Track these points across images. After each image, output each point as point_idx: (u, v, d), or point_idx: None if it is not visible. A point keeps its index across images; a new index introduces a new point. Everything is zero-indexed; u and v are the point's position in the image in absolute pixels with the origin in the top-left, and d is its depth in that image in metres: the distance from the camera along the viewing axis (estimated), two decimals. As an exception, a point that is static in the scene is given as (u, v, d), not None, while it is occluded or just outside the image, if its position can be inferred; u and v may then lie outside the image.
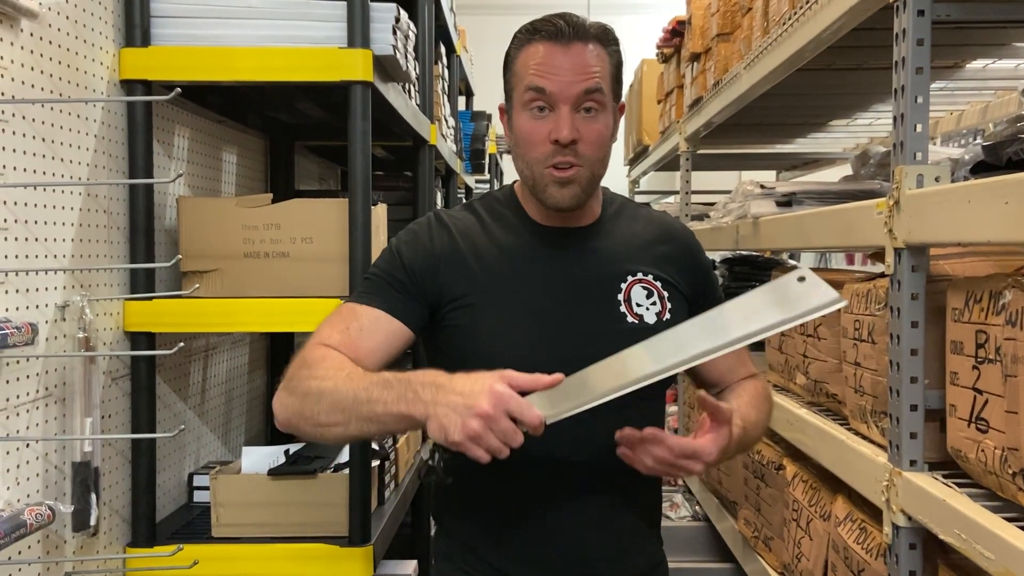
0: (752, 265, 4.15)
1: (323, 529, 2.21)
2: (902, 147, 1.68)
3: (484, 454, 1.29)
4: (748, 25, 2.98)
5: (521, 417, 1.29)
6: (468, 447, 1.29)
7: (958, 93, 3.18)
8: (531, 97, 1.56)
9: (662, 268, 1.68)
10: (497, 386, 1.30)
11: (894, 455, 1.71)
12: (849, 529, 2.02)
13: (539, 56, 1.56)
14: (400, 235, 1.69)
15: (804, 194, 2.67)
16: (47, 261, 1.88)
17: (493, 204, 1.72)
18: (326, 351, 1.52)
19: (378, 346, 1.57)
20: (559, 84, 1.54)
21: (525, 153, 1.59)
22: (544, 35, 1.57)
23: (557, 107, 1.55)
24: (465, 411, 1.29)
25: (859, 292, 1.95)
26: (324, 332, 1.57)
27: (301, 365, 1.51)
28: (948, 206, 1.49)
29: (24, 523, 1.58)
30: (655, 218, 1.77)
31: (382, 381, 1.39)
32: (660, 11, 7.06)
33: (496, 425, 1.28)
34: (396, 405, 1.36)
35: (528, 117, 1.57)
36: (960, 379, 1.55)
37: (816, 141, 4.55)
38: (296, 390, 1.48)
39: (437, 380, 1.35)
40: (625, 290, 1.63)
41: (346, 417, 1.42)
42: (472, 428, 1.28)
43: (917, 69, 1.66)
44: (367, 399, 1.39)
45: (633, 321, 1.61)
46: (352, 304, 1.61)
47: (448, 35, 4.29)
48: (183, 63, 2.15)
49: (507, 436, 1.28)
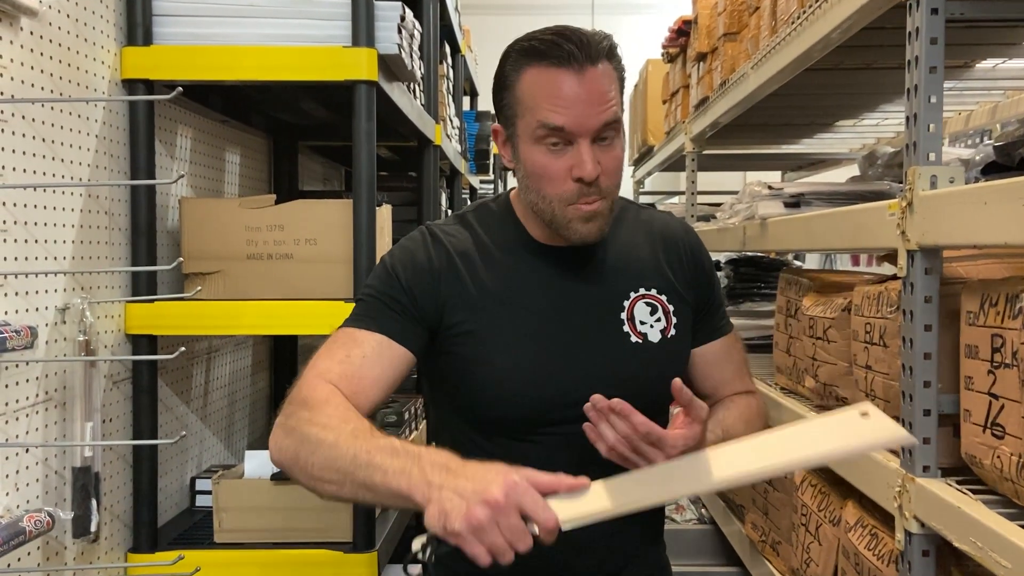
0: (757, 266, 4.13)
1: (327, 535, 2.19)
2: (915, 148, 1.65)
3: (484, 553, 1.12)
4: (755, 24, 2.95)
5: (535, 515, 1.13)
6: (468, 541, 1.12)
7: (967, 93, 3.15)
8: (546, 133, 1.45)
9: (665, 277, 1.63)
10: (514, 476, 1.15)
11: (907, 460, 1.68)
12: (860, 535, 1.99)
13: (551, 86, 1.44)
14: (394, 252, 1.59)
15: (812, 195, 2.64)
16: (47, 263, 1.86)
17: (488, 219, 1.62)
18: (329, 393, 1.39)
19: (381, 374, 1.47)
20: (577, 119, 1.43)
21: (541, 188, 1.49)
22: (553, 61, 1.44)
23: (576, 141, 1.45)
24: (472, 496, 1.13)
25: (870, 294, 1.92)
26: (323, 364, 1.45)
27: (302, 404, 1.38)
28: (963, 208, 1.47)
29: (23, 530, 1.56)
30: (655, 222, 1.71)
31: (389, 447, 1.24)
32: (664, 11, 7.04)
33: (505, 519, 1.12)
34: (396, 479, 1.19)
35: (542, 152, 1.47)
36: (975, 384, 1.52)
37: (822, 141, 4.52)
38: (294, 432, 1.35)
39: (449, 463, 1.19)
40: (628, 308, 1.59)
41: (341, 477, 1.26)
42: (477, 517, 1.11)
43: (931, 68, 1.63)
44: (367, 463, 1.23)
45: (637, 340, 1.57)
46: (350, 329, 1.51)
47: (453, 35, 4.27)
48: (185, 62, 2.13)
49: (514, 534, 1.12)
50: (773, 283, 4.10)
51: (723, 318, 1.75)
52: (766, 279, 4.10)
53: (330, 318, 2.14)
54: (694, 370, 1.72)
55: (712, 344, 1.71)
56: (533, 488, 1.15)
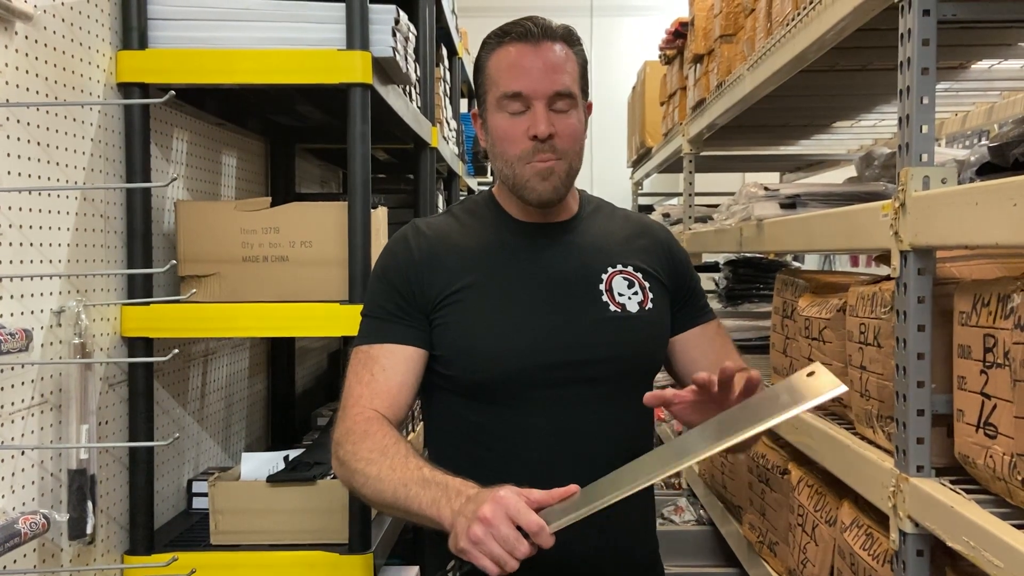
0: (756, 267, 4.13)
1: (323, 536, 2.19)
2: (908, 148, 1.66)
3: (491, 564, 1.27)
4: (751, 26, 2.95)
5: (518, 520, 1.26)
6: (473, 555, 1.28)
7: (963, 94, 3.15)
8: (507, 99, 1.61)
9: (642, 260, 1.73)
10: (501, 492, 1.29)
11: (901, 460, 1.69)
12: (855, 535, 1.99)
13: (511, 58, 1.62)
14: (380, 258, 1.74)
15: (808, 196, 2.64)
16: (42, 266, 1.86)
17: (471, 207, 1.78)
18: (366, 422, 1.55)
19: (404, 379, 1.62)
20: (532, 83, 1.59)
21: (504, 152, 1.64)
22: (514, 37, 1.63)
23: (532, 105, 1.60)
24: (471, 516, 1.29)
25: (864, 295, 1.92)
26: (355, 390, 1.61)
27: (346, 436, 1.55)
28: (955, 208, 1.47)
29: (18, 532, 1.56)
30: (632, 217, 1.84)
31: (421, 479, 1.42)
32: (662, 13, 7.05)
33: (497, 531, 1.26)
34: (429, 509, 1.38)
35: (504, 117, 1.62)
36: (968, 384, 1.52)
37: (820, 143, 4.52)
38: (345, 465, 1.53)
39: (468, 491, 1.36)
40: (606, 281, 1.67)
41: (388, 506, 1.47)
42: (474, 533, 1.27)
43: (923, 70, 1.63)
44: (405, 496, 1.42)
45: (616, 310, 1.65)
46: (364, 347, 1.65)
47: (450, 37, 4.27)
48: (181, 66, 2.13)
49: (509, 543, 1.26)
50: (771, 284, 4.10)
51: (704, 307, 1.84)
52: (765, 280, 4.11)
53: (326, 320, 2.14)
54: (679, 361, 1.78)
55: (694, 330, 1.80)
56: (522, 500, 1.28)
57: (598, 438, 1.58)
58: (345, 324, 2.10)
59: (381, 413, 1.58)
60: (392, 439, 1.52)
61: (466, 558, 1.29)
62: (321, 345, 4.04)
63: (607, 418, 1.63)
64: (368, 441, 1.52)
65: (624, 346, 1.65)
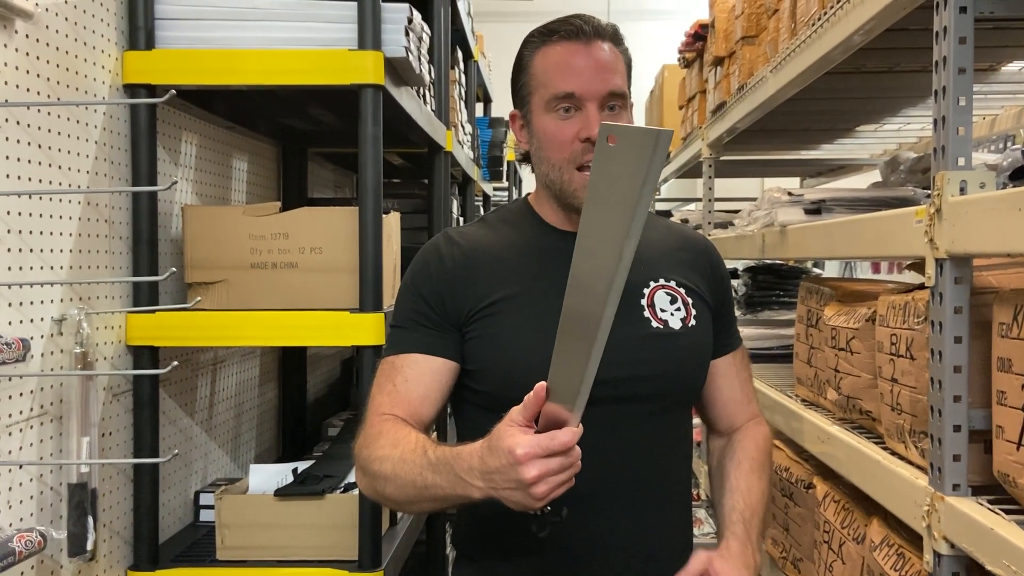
0: (776, 274, 4.07)
1: (332, 552, 2.12)
2: (943, 152, 1.58)
3: (565, 486, 1.27)
4: (774, 27, 2.88)
5: (553, 449, 1.24)
6: (551, 498, 1.27)
7: (991, 97, 3.08)
8: (557, 101, 1.54)
9: (685, 275, 1.66)
10: (518, 451, 1.24)
11: (935, 478, 1.61)
12: (886, 554, 1.92)
13: (560, 57, 1.55)
14: (411, 267, 1.66)
15: (834, 201, 2.57)
16: (43, 273, 1.80)
17: (506, 215, 1.71)
18: (381, 424, 1.50)
19: (426, 391, 1.55)
20: (585, 83, 1.53)
21: (551, 155, 1.57)
22: (563, 35, 1.56)
23: (584, 106, 1.53)
24: (520, 486, 1.26)
25: (896, 304, 1.85)
26: (377, 400, 1.56)
27: (364, 443, 1.51)
28: (995, 214, 1.40)
29: (13, 551, 1.50)
30: (674, 228, 1.77)
31: (429, 465, 1.38)
32: (680, 17, 6.99)
33: (550, 473, 1.24)
34: (454, 490, 1.35)
35: (553, 119, 1.55)
36: (1008, 399, 1.45)
37: (842, 147, 4.44)
38: (366, 471, 1.49)
39: (472, 464, 1.32)
40: (648, 295, 1.60)
41: (412, 501, 1.44)
42: (540, 492, 1.25)
43: (959, 69, 1.56)
44: (424, 485, 1.39)
45: (658, 326, 1.58)
46: (390, 357, 1.59)
47: (465, 40, 4.21)
48: (188, 66, 2.08)
49: (564, 467, 1.25)
50: (792, 291, 4.04)
51: (735, 332, 1.78)
52: (785, 287, 4.04)
53: (335, 329, 2.08)
54: (704, 384, 1.70)
55: (724, 358, 1.73)
56: (534, 436, 1.25)
57: (638, 456, 1.51)
58: (355, 333, 2.04)
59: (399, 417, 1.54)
60: (403, 431, 1.47)
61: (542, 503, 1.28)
62: (334, 353, 3.98)
63: (647, 436, 1.56)
64: (381, 439, 1.47)
65: (666, 364, 1.58)
